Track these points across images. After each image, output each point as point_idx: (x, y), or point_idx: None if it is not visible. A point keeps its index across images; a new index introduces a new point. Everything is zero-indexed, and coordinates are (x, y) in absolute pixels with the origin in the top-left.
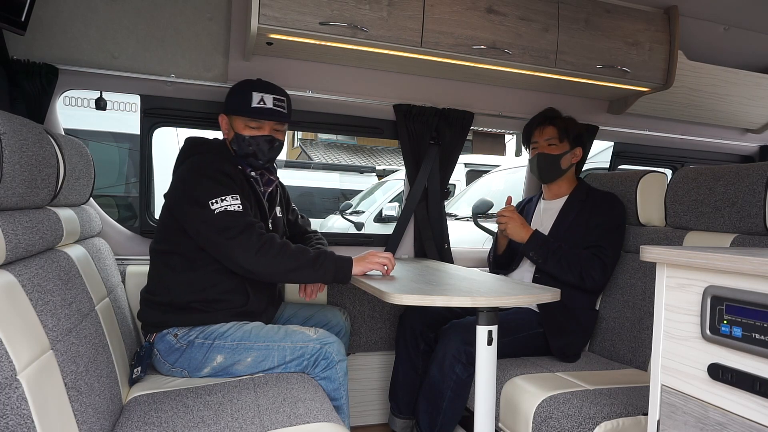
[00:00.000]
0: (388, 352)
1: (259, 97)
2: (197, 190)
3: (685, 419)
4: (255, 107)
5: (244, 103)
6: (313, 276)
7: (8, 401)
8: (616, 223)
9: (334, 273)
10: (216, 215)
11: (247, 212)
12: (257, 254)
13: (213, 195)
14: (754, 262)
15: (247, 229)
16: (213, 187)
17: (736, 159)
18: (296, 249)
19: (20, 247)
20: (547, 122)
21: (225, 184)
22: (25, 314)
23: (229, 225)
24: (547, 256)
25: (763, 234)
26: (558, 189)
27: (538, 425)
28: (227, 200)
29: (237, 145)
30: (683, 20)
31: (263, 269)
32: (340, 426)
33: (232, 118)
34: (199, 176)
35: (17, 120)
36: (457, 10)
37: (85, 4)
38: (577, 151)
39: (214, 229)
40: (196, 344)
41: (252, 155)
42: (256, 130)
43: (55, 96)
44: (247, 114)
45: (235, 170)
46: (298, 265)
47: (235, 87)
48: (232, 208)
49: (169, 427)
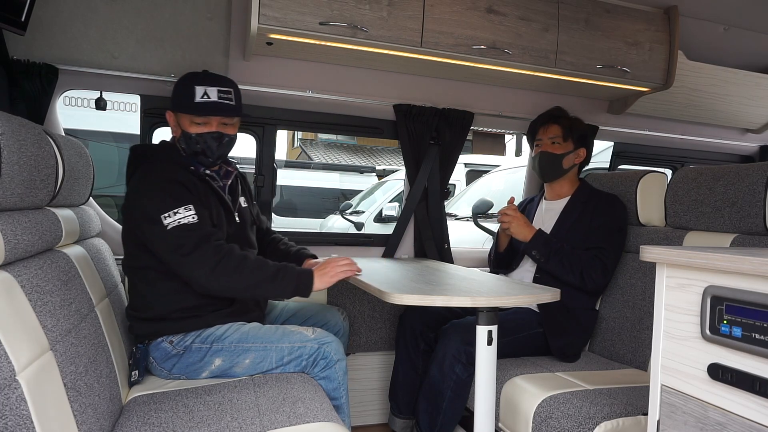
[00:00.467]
0: (388, 352)
1: (202, 90)
2: (148, 205)
3: (685, 419)
4: (199, 102)
5: (188, 98)
6: (272, 292)
7: (7, 402)
8: (618, 225)
9: (294, 288)
10: (169, 231)
11: (203, 223)
12: (214, 271)
13: (164, 208)
14: (754, 262)
15: (203, 243)
16: (164, 200)
17: (736, 159)
18: (256, 263)
19: (19, 247)
20: (553, 121)
21: (176, 194)
22: (25, 315)
23: (183, 241)
24: (549, 255)
25: (763, 234)
26: (560, 189)
27: (538, 425)
28: (180, 212)
29: (185, 143)
30: (683, 20)
31: (221, 286)
32: (340, 426)
33: (179, 115)
34: (148, 189)
35: (16, 120)
36: (457, 10)
37: (85, 4)
38: (581, 151)
39: (168, 247)
40: (194, 349)
41: (201, 153)
42: (203, 127)
43: (55, 96)
44: (191, 110)
45: (187, 174)
46: (257, 281)
47: (179, 81)
48: (186, 221)
49: (168, 427)
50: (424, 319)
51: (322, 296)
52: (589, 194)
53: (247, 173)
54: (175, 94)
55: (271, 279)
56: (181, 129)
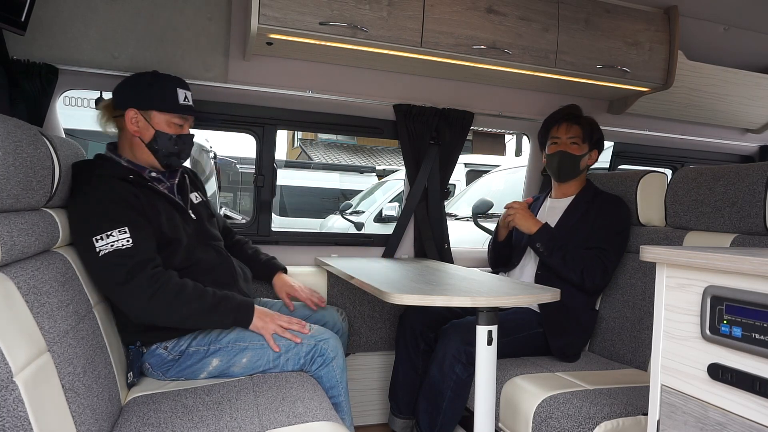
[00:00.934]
0: (388, 352)
1: (183, 94)
2: (80, 229)
3: (685, 419)
4: (183, 104)
5: (171, 99)
6: (209, 324)
7: (4, 404)
8: (621, 226)
9: (232, 322)
10: (101, 258)
11: (139, 248)
12: (149, 302)
13: (97, 231)
14: (754, 262)
15: (138, 272)
16: (97, 222)
17: (736, 159)
18: (194, 293)
19: (16, 249)
20: (574, 120)
21: (112, 214)
22: (22, 316)
23: (116, 269)
24: (552, 249)
25: (763, 234)
26: (568, 188)
27: (538, 425)
28: (114, 235)
29: (159, 143)
30: (683, 20)
31: (158, 317)
32: (340, 425)
33: (151, 114)
34: (81, 210)
35: (11, 122)
36: (457, 10)
37: (85, 4)
38: (594, 154)
39: (100, 275)
40: (190, 352)
41: (176, 155)
42: (180, 129)
43: (55, 96)
44: (176, 111)
45: (127, 186)
46: (194, 312)
47: (148, 80)
48: (119, 245)
49: (168, 427)
50: (424, 319)
51: (323, 295)
52: (593, 194)
53: (247, 173)
54: (148, 93)
55: (209, 311)
56: (154, 129)
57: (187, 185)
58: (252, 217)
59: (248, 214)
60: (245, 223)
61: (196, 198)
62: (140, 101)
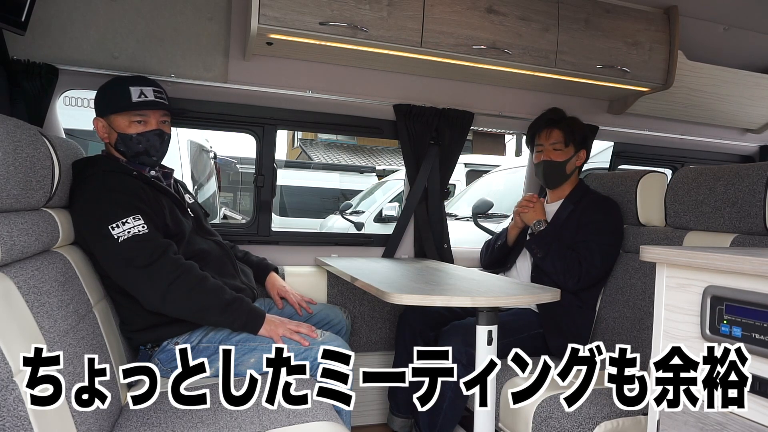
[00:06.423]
0: (388, 352)
1: (138, 91)
2: (93, 218)
3: (685, 419)
4: (138, 101)
5: (124, 99)
6: (219, 321)
7: (5, 403)
8: (607, 226)
9: (243, 324)
10: (121, 244)
11: (155, 233)
12: (170, 285)
13: (113, 218)
14: (754, 262)
15: (160, 256)
16: (110, 211)
17: (736, 159)
18: (214, 286)
19: (16, 249)
20: (553, 125)
21: (123, 203)
22: (22, 316)
23: (137, 253)
24: (547, 251)
25: (763, 234)
26: (560, 192)
27: (538, 425)
28: (129, 222)
29: (124, 146)
30: (683, 20)
31: (171, 303)
32: (339, 425)
33: (112, 119)
34: (93, 201)
35: (11, 122)
36: (457, 10)
37: (85, 4)
38: (582, 153)
39: (120, 261)
40: (201, 348)
41: (144, 153)
42: (143, 126)
43: (55, 96)
44: (131, 108)
45: (132, 181)
46: (210, 305)
47: (106, 86)
48: (136, 230)
49: (168, 427)
50: (424, 319)
51: (323, 295)
52: (581, 195)
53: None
54: (104, 99)
55: (224, 307)
56: (117, 133)
57: (180, 189)
58: (252, 217)
59: (248, 214)
60: (245, 223)
61: (190, 199)
62: (101, 109)
